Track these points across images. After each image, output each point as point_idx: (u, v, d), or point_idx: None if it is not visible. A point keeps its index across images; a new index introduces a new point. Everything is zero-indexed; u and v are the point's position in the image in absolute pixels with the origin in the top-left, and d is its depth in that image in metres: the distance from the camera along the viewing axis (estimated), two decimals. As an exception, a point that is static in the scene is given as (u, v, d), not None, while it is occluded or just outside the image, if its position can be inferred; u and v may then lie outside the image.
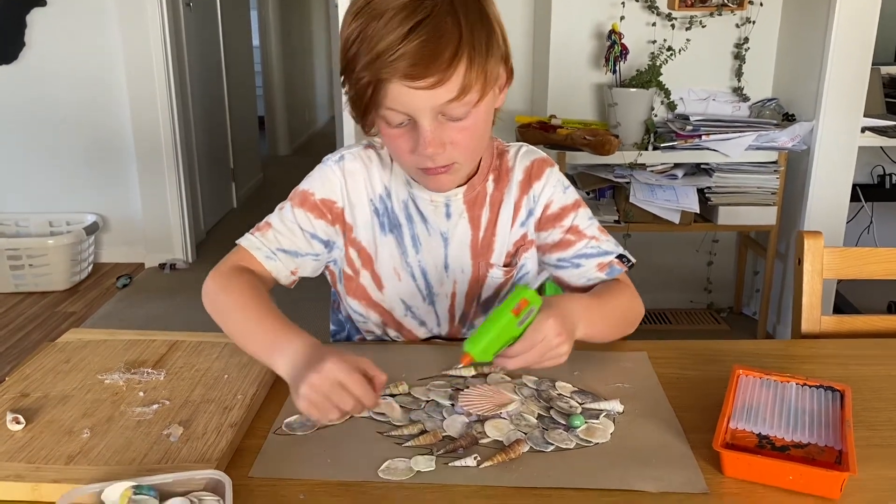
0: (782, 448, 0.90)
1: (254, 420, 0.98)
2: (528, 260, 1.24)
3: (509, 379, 1.08)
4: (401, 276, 1.21)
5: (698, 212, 2.93)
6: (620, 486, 0.85)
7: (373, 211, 1.20)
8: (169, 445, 0.89)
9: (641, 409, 1.02)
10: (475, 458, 0.89)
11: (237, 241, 1.17)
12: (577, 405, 1.01)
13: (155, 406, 0.98)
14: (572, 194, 1.23)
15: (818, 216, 2.92)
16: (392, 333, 1.26)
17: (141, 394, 1.01)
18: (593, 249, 1.20)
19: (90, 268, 3.98)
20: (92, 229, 3.91)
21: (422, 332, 1.26)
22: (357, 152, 1.20)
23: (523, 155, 1.22)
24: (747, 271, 3.43)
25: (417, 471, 0.88)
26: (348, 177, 1.18)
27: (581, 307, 1.07)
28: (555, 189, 1.21)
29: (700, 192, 2.94)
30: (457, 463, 0.89)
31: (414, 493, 0.85)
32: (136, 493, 0.78)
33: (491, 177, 1.20)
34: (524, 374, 1.08)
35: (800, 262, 1.31)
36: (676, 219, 2.92)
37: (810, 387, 1.01)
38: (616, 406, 1.01)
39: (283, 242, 1.16)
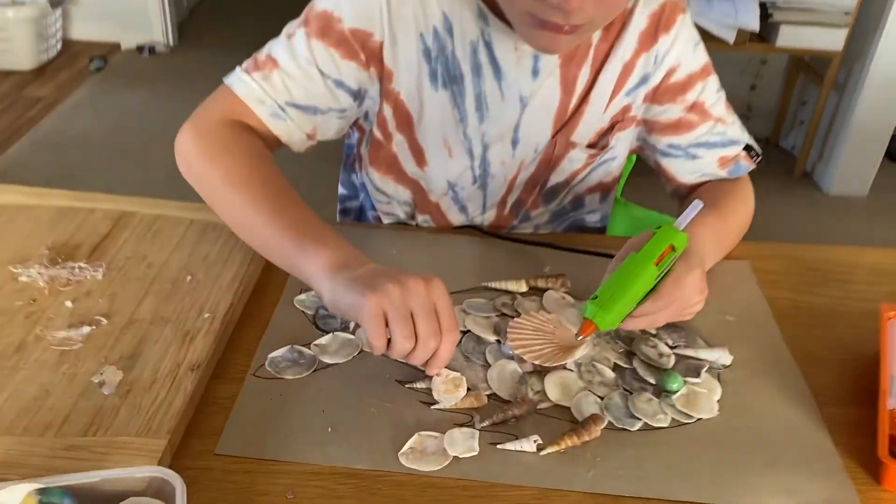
0: (960, 448, 0.65)
1: (225, 352, 0.71)
2: (621, 142, 0.91)
3: (572, 301, 0.80)
4: (453, 150, 0.88)
5: (756, 31, 2.52)
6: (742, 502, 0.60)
7: (422, 52, 0.83)
8: (101, 401, 0.62)
9: (754, 359, 0.75)
10: (535, 442, 0.63)
11: (225, 80, 0.82)
12: (669, 350, 0.74)
13: (86, 329, 0.69)
14: (702, 54, 0.88)
15: (893, 46, 2.52)
16: (420, 218, 0.96)
17: (68, 304, 0.73)
18: (717, 137, 0.88)
19: (59, 45, 3.55)
20: (58, 1, 3.43)
21: (458, 219, 0.96)
22: None
23: None
24: (793, 100, 3.07)
25: (454, 456, 0.62)
26: None
27: (710, 237, 0.78)
28: (685, 47, 0.86)
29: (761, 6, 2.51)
30: (508, 446, 0.63)
31: (448, 496, 0.59)
32: (42, 502, 0.52)
33: None
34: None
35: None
36: (732, 38, 2.52)
37: None
38: (723, 356, 0.74)
39: (295, 93, 0.81)
